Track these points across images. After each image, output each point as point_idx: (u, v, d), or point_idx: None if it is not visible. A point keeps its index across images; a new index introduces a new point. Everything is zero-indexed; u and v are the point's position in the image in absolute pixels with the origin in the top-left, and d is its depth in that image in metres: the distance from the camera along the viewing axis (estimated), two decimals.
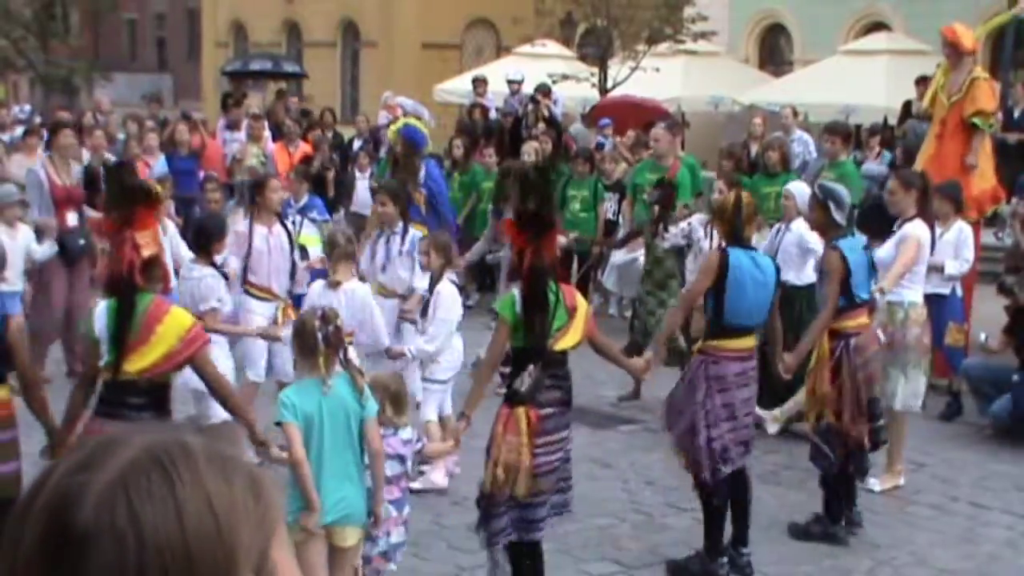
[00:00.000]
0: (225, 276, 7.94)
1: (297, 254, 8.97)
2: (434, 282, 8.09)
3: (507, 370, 6.41)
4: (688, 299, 7.40)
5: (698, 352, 6.90)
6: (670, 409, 6.97)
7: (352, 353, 7.40)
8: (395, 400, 5.93)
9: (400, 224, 8.73)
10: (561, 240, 10.16)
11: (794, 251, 9.28)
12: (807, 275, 9.16)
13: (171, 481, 1.19)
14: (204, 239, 7.85)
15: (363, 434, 5.50)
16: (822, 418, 7.45)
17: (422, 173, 10.56)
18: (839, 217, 7.48)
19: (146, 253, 5.54)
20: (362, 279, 7.94)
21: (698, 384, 6.77)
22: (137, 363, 5.43)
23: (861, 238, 8.04)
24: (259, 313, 8.43)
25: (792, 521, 7.60)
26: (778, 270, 7.00)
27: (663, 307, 10.10)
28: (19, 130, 15.99)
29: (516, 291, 6.13)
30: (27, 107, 24.53)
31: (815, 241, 8.76)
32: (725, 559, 6.84)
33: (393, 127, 11.65)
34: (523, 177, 6.95)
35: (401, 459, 5.90)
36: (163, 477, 1.19)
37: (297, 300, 8.65)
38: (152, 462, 1.20)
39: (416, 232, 8.82)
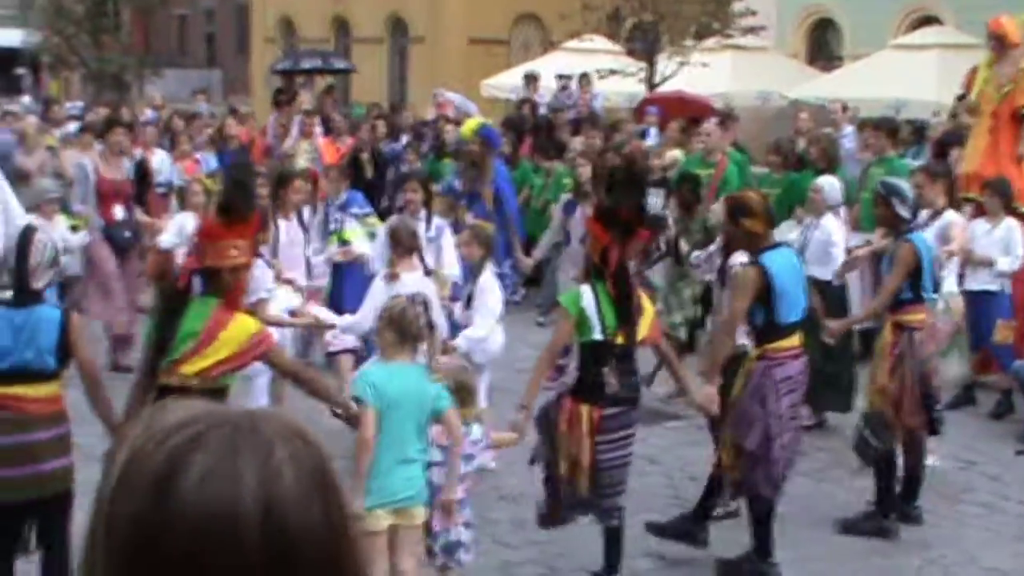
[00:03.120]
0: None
1: (328, 249, 9.19)
2: (475, 273, 8.13)
3: (563, 362, 6.46)
4: (732, 324, 6.97)
5: (758, 359, 6.71)
6: (740, 421, 6.69)
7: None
8: (460, 392, 5.88)
9: (423, 211, 9.03)
10: None
11: (821, 246, 9.21)
12: (832, 270, 9.11)
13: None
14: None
15: (443, 423, 5.57)
16: (874, 407, 7.42)
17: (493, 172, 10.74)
18: (904, 211, 7.47)
19: (210, 263, 5.55)
20: (427, 273, 7.96)
21: (767, 391, 6.60)
22: (197, 364, 5.45)
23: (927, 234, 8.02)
24: (285, 304, 8.52)
25: (841, 516, 7.55)
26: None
27: (678, 298, 10.02)
28: (71, 126, 16.16)
29: (584, 287, 6.16)
30: (79, 104, 24.79)
31: (840, 237, 8.80)
32: (776, 560, 6.80)
33: (468, 125, 11.70)
34: (611, 174, 6.99)
35: (468, 458, 5.84)
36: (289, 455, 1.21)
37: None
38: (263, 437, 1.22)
39: (441, 221, 9.12)
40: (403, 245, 7.81)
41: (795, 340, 6.77)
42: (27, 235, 5.87)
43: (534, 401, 6.33)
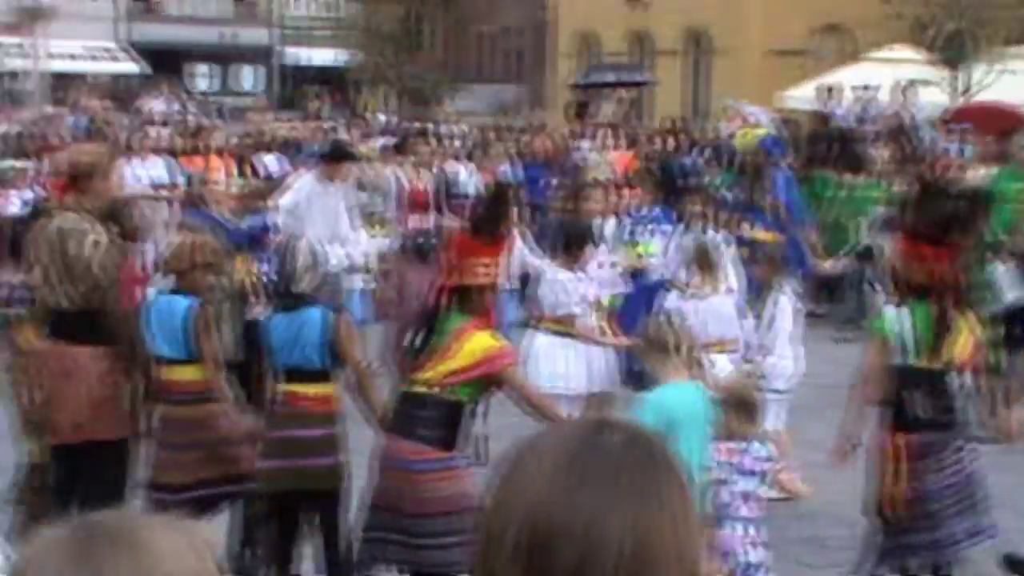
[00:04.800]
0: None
1: (614, 259, 9.23)
2: (766, 292, 8.01)
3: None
4: None
5: None
6: None
7: (723, 362, 7.48)
8: (743, 408, 5.75)
9: (705, 224, 9.17)
10: None
11: None
12: None
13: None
14: (572, 244, 7.97)
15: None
16: None
17: (776, 183, 10.64)
18: None
19: (467, 280, 5.53)
20: (729, 291, 7.91)
21: None
22: (432, 370, 5.45)
23: None
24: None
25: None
26: None
27: None
28: (381, 140, 16.92)
29: (891, 308, 6.00)
30: (392, 118, 25.95)
31: None
32: None
33: (748, 135, 11.63)
34: (920, 189, 6.81)
35: (755, 475, 5.71)
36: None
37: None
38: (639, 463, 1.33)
39: (721, 234, 9.06)
40: (709, 260, 7.77)
41: None
42: (289, 243, 6.27)
43: (858, 431, 6.13)
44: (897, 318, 5.93)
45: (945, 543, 5.95)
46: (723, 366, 7.46)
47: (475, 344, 5.45)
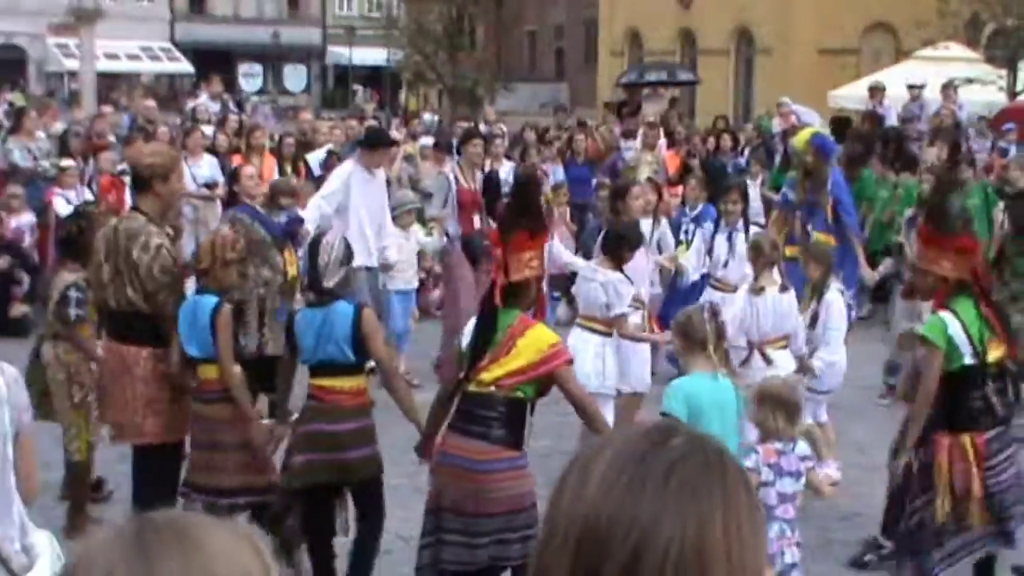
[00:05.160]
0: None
1: (662, 257, 9.21)
2: (817, 292, 7.95)
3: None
4: None
5: None
6: None
7: (783, 359, 7.44)
8: (788, 409, 5.65)
9: (741, 222, 9.19)
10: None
11: None
12: None
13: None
14: (619, 245, 7.92)
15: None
16: None
17: (829, 183, 10.57)
18: None
19: (516, 276, 5.47)
20: (783, 288, 7.80)
21: None
22: (494, 372, 5.39)
23: None
24: (632, 323, 8.49)
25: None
26: None
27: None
28: (425, 139, 16.97)
29: (944, 313, 5.93)
30: (435, 117, 26.02)
31: None
32: None
33: (801, 136, 11.55)
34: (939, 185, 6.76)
35: (794, 476, 5.64)
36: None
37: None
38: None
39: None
40: (765, 257, 7.72)
41: None
42: (316, 240, 6.30)
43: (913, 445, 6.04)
44: (950, 323, 5.85)
45: (1011, 534, 5.94)
46: (784, 363, 7.42)
47: (534, 340, 5.40)
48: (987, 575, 6.16)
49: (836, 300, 7.93)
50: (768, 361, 7.41)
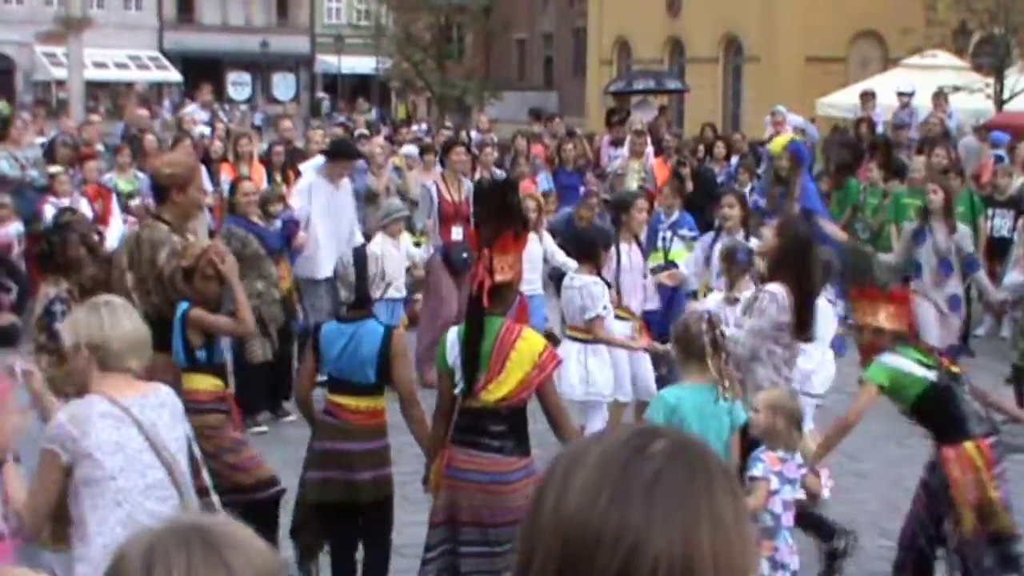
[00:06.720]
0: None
1: (647, 268, 9.15)
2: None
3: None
4: None
5: None
6: None
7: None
8: (797, 421, 5.68)
9: (741, 230, 8.98)
10: None
11: None
12: None
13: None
14: (590, 249, 7.97)
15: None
16: None
17: (798, 190, 10.56)
18: None
19: (500, 278, 5.36)
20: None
21: None
22: (496, 392, 5.31)
23: None
24: (618, 332, 8.34)
25: None
26: None
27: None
28: (413, 147, 16.87)
29: (883, 356, 5.97)
30: (424, 125, 25.97)
31: None
32: None
33: (777, 141, 11.56)
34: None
35: (793, 483, 5.63)
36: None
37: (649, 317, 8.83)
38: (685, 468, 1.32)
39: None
40: (738, 265, 7.71)
41: None
42: (361, 251, 6.27)
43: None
44: (891, 359, 5.92)
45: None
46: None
47: (526, 351, 5.33)
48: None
49: (822, 306, 7.90)
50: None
